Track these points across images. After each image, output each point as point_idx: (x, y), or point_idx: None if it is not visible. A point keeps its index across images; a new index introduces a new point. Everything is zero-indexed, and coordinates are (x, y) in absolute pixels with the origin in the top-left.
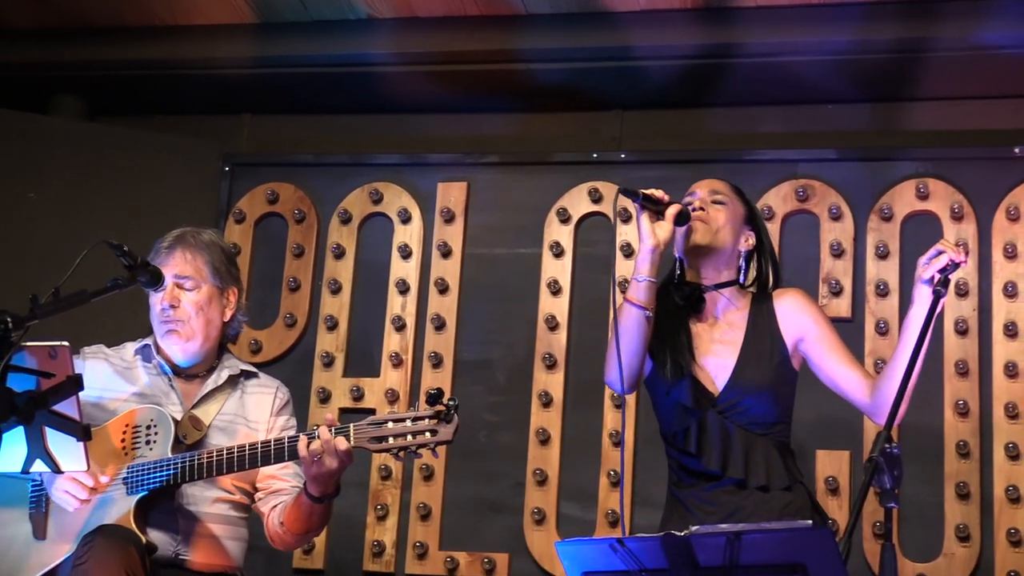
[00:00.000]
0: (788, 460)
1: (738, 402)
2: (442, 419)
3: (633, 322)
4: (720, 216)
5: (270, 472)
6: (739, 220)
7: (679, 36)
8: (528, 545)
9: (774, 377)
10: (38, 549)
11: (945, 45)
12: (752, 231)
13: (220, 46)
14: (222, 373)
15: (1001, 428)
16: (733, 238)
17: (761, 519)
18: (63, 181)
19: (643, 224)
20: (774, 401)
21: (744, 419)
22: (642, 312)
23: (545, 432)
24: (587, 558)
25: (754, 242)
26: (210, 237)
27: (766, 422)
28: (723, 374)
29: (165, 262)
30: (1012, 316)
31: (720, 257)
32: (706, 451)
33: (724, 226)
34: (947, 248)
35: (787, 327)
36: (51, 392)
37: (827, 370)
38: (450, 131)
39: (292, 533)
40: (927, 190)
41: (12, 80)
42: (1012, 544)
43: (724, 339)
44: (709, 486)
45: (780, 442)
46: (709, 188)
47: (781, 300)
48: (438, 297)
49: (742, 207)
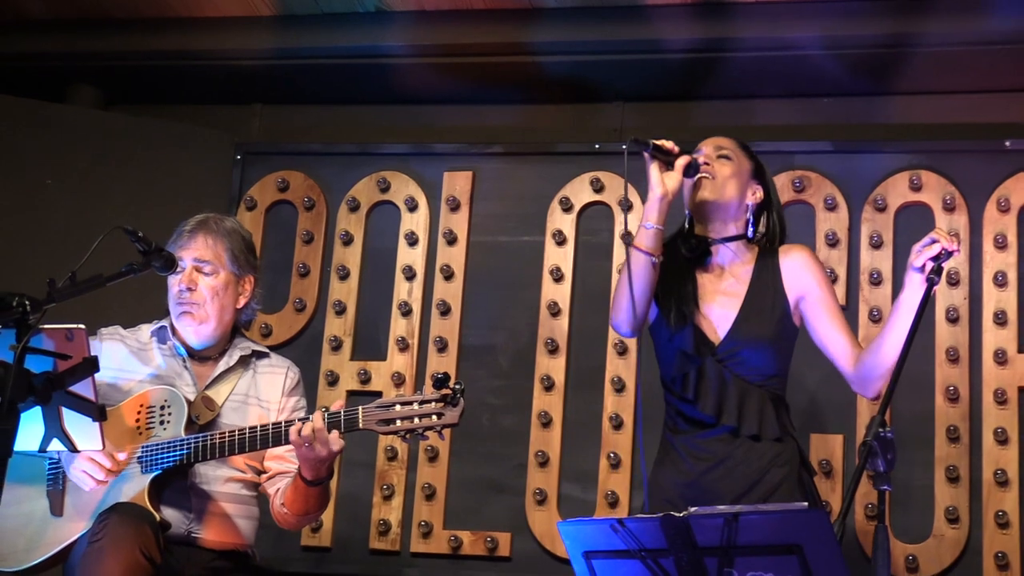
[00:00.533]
0: (781, 412)
1: (737, 352)
2: (448, 402)
3: (640, 267)
4: (725, 170)
5: (278, 453)
6: (745, 175)
7: (679, 31)
8: (530, 525)
9: (774, 331)
10: (55, 525)
11: (938, 40)
12: (759, 185)
13: (233, 38)
14: (234, 354)
15: (990, 413)
16: (739, 192)
17: (750, 467)
18: (80, 168)
19: (652, 173)
20: (772, 354)
21: (742, 369)
22: (649, 258)
23: (547, 415)
24: (588, 538)
25: (761, 195)
26: (232, 225)
27: (763, 373)
28: (725, 324)
29: (187, 245)
30: (1002, 305)
31: (727, 211)
32: (702, 397)
33: (729, 180)
34: (940, 237)
35: (790, 284)
36: (68, 373)
37: (820, 332)
38: (456, 122)
39: (293, 514)
40: (920, 182)
41: (31, 70)
42: (1000, 526)
43: (728, 291)
44: (703, 433)
45: (775, 394)
46: (714, 144)
47: (787, 256)
48: (443, 283)
49: (748, 162)
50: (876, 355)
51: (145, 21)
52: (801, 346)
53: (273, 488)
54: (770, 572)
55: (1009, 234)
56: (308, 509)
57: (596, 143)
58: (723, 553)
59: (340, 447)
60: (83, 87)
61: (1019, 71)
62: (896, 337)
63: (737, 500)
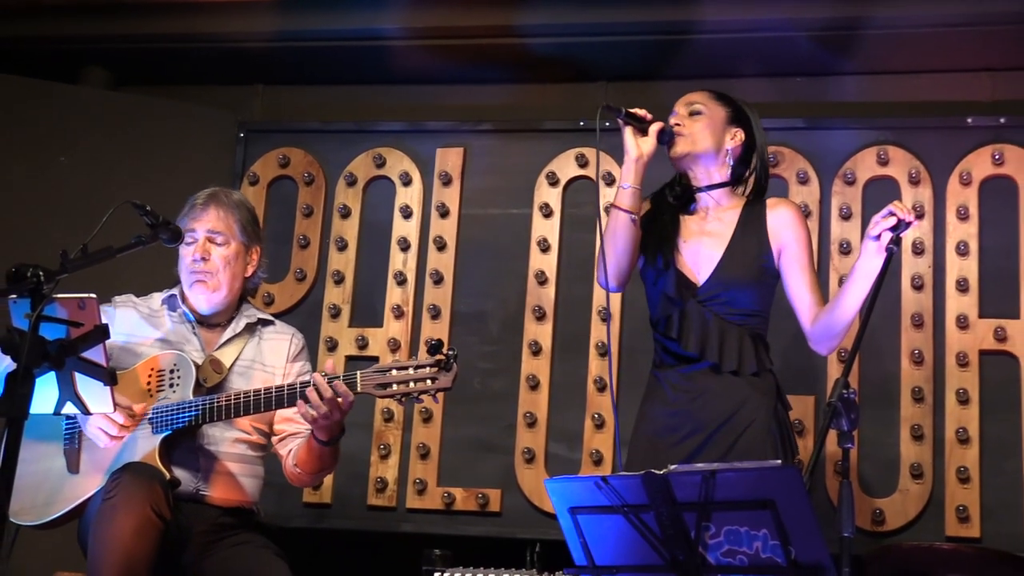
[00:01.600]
0: (760, 349)
1: (717, 294)
2: (442, 367)
3: (620, 225)
4: (696, 125)
5: (287, 416)
6: (719, 123)
7: (660, 13)
8: (519, 482)
9: (756, 274)
10: (71, 482)
11: (904, 22)
12: (739, 128)
13: (236, 21)
14: (240, 321)
15: (953, 375)
16: (715, 141)
17: (730, 400)
18: (91, 146)
19: (627, 138)
20: (752, 296)
21: (723, 308)
22: (628, 215)
23: (535, 378)
24: (573, 495)
25: (742, 138)
26: (239, 198)
27: (744, 312)
28: (708, 266)
29: (199, 217)
30: (964, 273)
31: (706, 160)
32: (685, 336)
33: (702, 132)
34: (897, 209)
35: (774, 235)
36: (80, 340)
37: (789, 287)
38: (448, 100)
39: (307, 472)
40: (887, 157)
41: (44, 52)
42: (961, 481)
43: (713, 233)
44: (686, 367)
45: (755, 332)
46: (685, 102)
47: (775, 209)
48: (436, 254)
49: (722, 109)
50: (831, 315)
51: (153, 5)
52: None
53: (285, 449)
54: (745, 526)
55: (971, 206)
56: (322, 467)
57: (581, 120)
58: (701, 508)
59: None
60: (94, 69)
61: (980, 52)
62: (850, 301)
63: (717, 429)
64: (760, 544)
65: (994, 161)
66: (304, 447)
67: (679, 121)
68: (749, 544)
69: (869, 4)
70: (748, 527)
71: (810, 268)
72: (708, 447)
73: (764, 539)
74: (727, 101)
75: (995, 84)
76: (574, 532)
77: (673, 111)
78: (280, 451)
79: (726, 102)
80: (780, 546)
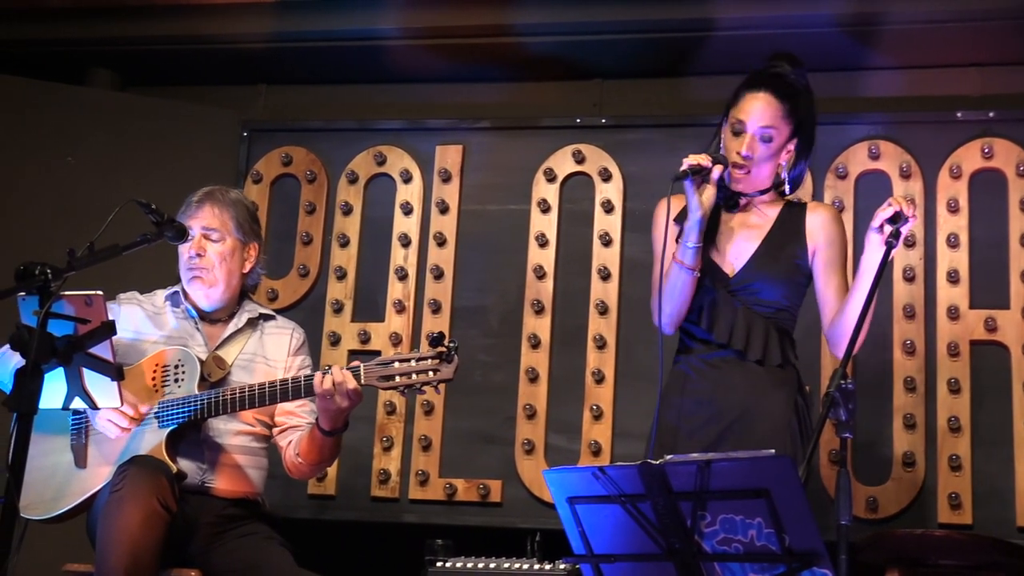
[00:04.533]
0: (785, 342)
1: (748, 284)
2: (443, 359)
3: (683, 282)
4: (761, 156)
5: (288, 409)
6: (782, 146)
7: (655, 11)
8: (519, 473)
9: (788, 271)
10: (79, 476)
11: (895, 19)
12: (795, 138)
13: (239, 23)
14: (242, 316)
15: (944, 365)
16: (775, 166)
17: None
18: (97, 146)
19: (690, 196)
20: (783, 290)
21: (752, 300)
22: (691, 274)
23: (534, 371)
24: (572, 485)
25: (793, 150)
26: (236, 195)
27: (773, 306)
28: (743, 259)
29: (194, 215)
30: (954, 264)
31: (764, 184)
32: (714, 323)
33: (767, 163)
34: (895, 201)
35: (810, 236)
36: (87, 336)
37: (817, 287)
38: (447, 99)
39: (308, 464)
40: (878, 151)
41: (51, 55)
42: (952, 469)
43: (751, 227)
44: (711, 353)
45: (781, 326)
46: (759, 124)
47: (814, 212)
48: (437, 249)
49: (788, 128)
50: (843, 317)
51: (158, 8)
52: None
53: (285, 440)
54: (740, 515)
55: (961, 199)
56: (322, 459)
57: (577, 117)
58: (696, 497)
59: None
60: (100, 70)
61: (970, 48)
62: (858, 298)
63: (736, 420)
64: (755, 532)
65: (983, 155)
66: (307, 437)
67: (749, 152)
68: (744, 532)
69: (859, 1)
70: (743, 516)
71: (840, 272)
72: (727, 439)
73: (759, 527)
74: (794, 115)
75: (984, 79)
76: (573, 521)
77: (740, 121)
78: (280, 442)
79: (794, 114)
80: (775, 534)
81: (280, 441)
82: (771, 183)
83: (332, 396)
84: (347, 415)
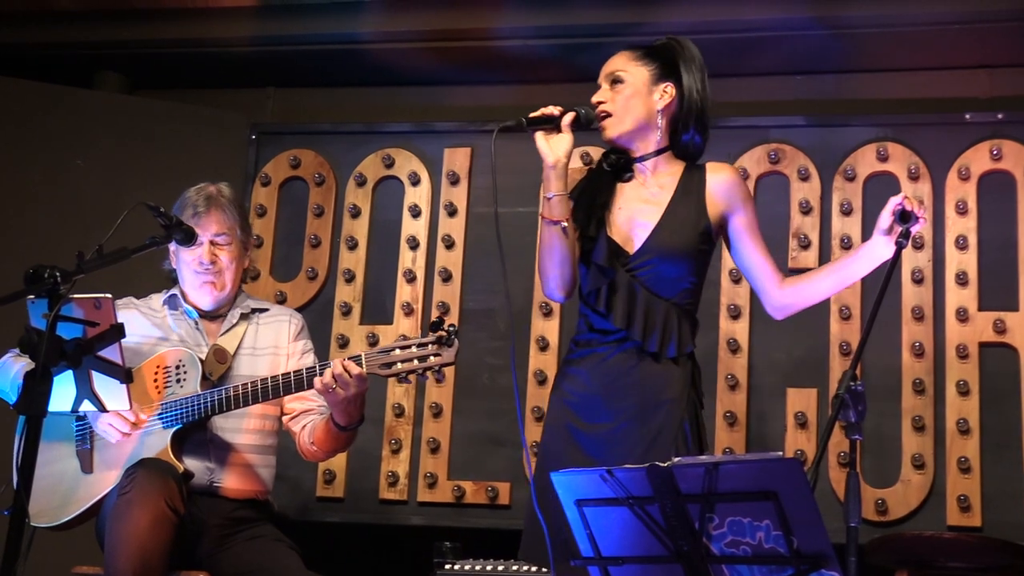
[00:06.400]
0: (684, 328)
1: (650, 260)
2: (443, 343)
3: (554, 237)
4: (620, 97)
5: (299, 395)
6: (644, 86)
7: (660, 14)
8: (527, 475)
9: (692, 243)
10: (86, 482)
11: (904, 21)
12: (670, 82)
13: (247, 26)
14: (235, 312)
15: (953, 367)
16: (645, 109)
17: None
18: (106, 149)
19: (539, 145)
20: (687, 265)
21: (653, 279)
22: (558, 225)
23: (542, 373)
24: (580, 487)
25: (673, 92)
26: (230, 194)
27: (675, 286)
28: (642, 234)
29: (201, 222)
30: (963, 266)
31: (641, 132)
32: (612, 308)
33: (628, 104)
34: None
35: (715, 201)
36: (96, 339)
37: (744, 254)
38: (455, 101)
39: (322, 451)
40: (886, 153)
41: (60, 58)
42: (962, 471)
43: (651, 199)
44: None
45: (683, 309)
46: (605, 72)
47: (715, 175)
48: (445, 252)
49: (644, 70)
50: (811, 286)
51: (166, 11)
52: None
53: (299, 426)
54: (748, 517)
55: (969, 200)
56: (337, 448)
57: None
58: (704, 500)
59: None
60: (109, 74)
61: (978, 49)
62: (839, 280)
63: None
64: (763, 534)
65: (992, 156)
66: (323, 427)
67: (601, 98)
68: (752, 535)
69: (867, 2)
70: (751, 518)
71: (759, 232)
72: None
73: (767, 530)
74: (651, 56)
75: (993, 81)
76: (581, 524)
77: (597, 84)
78: (293, 427)
79: (650, 58)
80: (783, 536)
81: (293, 426)
82: (650, 132)
83: (334, 389)
84: (361, 406)
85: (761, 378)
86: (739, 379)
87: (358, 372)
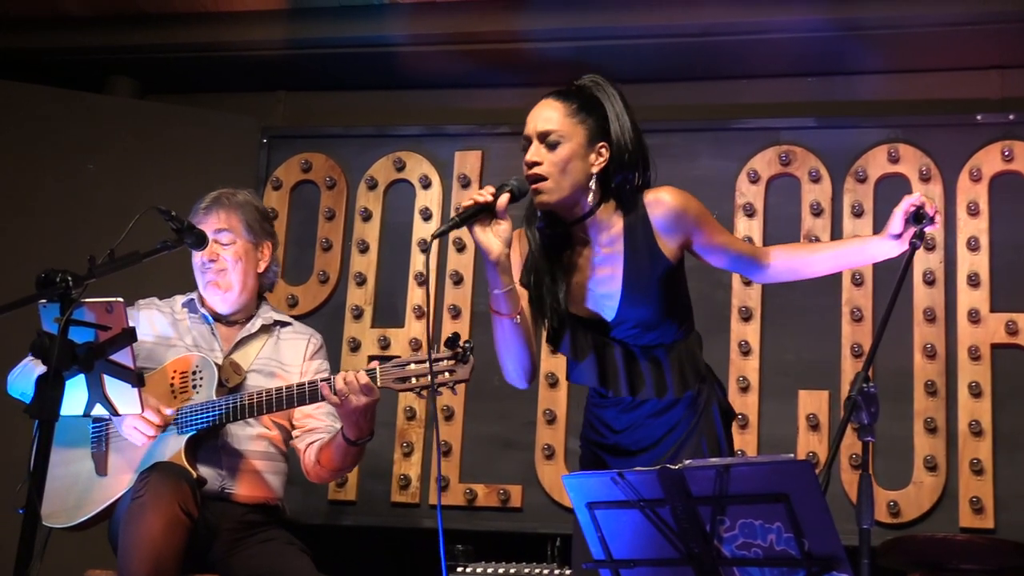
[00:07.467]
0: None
1: (627, 329)
2: (459, 360)
3: (507, 331)
4: (558, 161)
5: (306, 411)
6: (582, 147)
7: (672, 16)
8: (539, 478)
9: (662, 292)
10: (100, 484)
11: (914, 22)
12: (603, 141)
13: (257, 30)
14: (256, 322)
15: (965, 369)
16: (582, 173)
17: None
18: (118, 153)
19: (478, 240)
20: (664, 311)
21: (636, 339)
22: (510, 320)
23: (553, 376)
24: (591, 490)
25: (607, 154)
26: (244, 197)
27: (662, 334)
28: (610, 304)
29: (203, 221)
30: (975, 268)
31: (576, 197)
32: (611, 385)
33: (566, 169)
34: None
35: (665, 241)
36: (108, 343)
37: (717, 259)
38: (466, 105)
39: (328, 469)
40: (898, 154)
41: (71, 63)
42: (974, 473)
43: (603, 266)
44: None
45: (680, 347)
46: (538, 130)
47: (656, 212)
48: (456, 255)
49: (582, 129)
50: (805, 262)
51: (177, 16)
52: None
53: (304, 444)
54: (760, 519)
55: (981, 202)
56: (343, 466)
57: None
58: (716, 502)
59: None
60: (120, 78)
61: (989, 50)
62: (835, 264)
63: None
64: (774, 537)
65: (1004, 157)
66: (330, 444)
67: (536, 158)
68: (763, 537)
69: (878, 3)
70: (763, 520)
71: (723, 234)
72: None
73: (778, 532)
74: (586, 112)
75: (1004, 81)
76: (592, 526)
77: (526, 137)
78: (299, 445)
79: (584, 114)
80: (794, 539)
81: (299, 444)
82: (585, 195)
83: (346, 397)
84: (371, 420)
85: (772, 380)
86: (751, 381)
87: (365, 382)
